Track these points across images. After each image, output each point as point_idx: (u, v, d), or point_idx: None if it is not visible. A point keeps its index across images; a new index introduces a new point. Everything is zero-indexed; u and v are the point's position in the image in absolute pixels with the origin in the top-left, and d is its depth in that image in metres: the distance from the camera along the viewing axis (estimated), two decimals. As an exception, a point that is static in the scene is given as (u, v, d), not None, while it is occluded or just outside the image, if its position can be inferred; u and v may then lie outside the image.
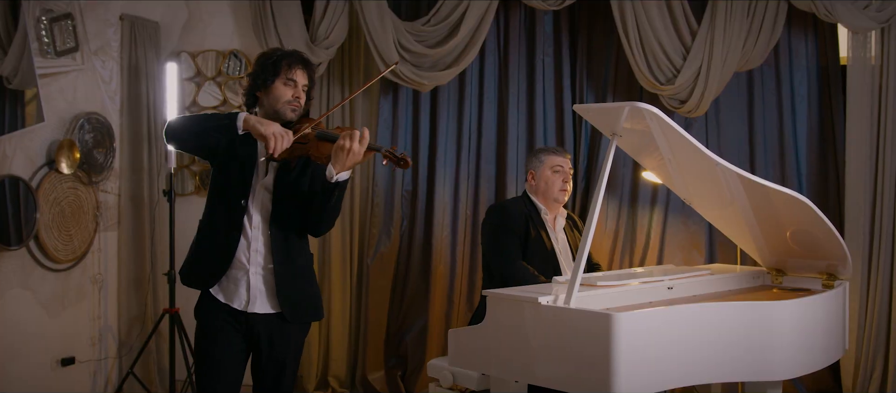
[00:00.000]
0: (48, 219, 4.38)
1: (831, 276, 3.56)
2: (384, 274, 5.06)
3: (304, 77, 3.00)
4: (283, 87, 2.96)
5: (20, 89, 4.29)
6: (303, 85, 2.99)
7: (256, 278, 2.94)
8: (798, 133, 4.58)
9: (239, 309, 2.94)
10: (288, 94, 2.96)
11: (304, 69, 3.01)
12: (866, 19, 4.15)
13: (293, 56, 3.01)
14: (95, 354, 4.75)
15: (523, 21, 4.91)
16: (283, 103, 2.96)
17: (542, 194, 3.98)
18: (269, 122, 2.85)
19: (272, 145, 2.78)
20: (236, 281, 2.94)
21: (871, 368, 4.28)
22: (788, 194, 3.28)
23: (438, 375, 3.99)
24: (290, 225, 2.97)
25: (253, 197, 2.94)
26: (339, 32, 4.80)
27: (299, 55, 3.04)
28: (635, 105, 2.98)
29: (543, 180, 3.96)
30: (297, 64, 2.99)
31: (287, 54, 3.01)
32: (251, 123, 2.84)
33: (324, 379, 5.08)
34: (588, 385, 2.75)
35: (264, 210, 2.95)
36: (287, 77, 2.96)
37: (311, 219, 2.96)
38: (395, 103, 5.02)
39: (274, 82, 2.96)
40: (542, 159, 3.98)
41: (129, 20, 4.86)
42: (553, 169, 3.95)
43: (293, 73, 2.97)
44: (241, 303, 2.94)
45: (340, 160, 2.79)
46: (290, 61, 2.98)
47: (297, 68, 2.98)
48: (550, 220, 3.99)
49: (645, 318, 2.83)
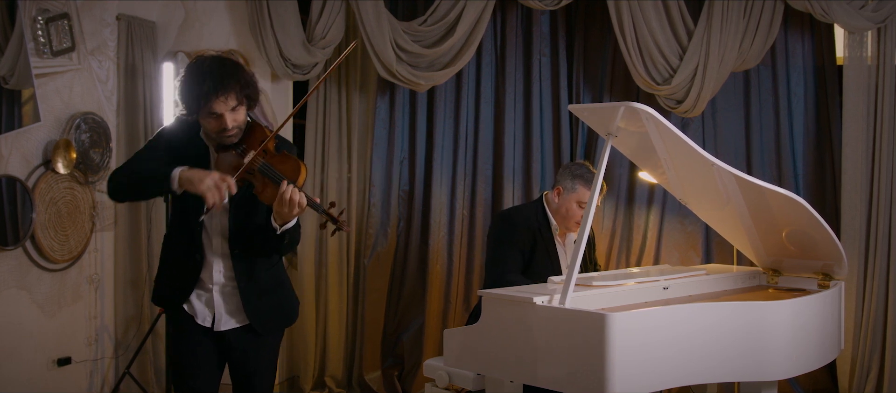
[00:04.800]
0: (44, 219, 4.38)
1: (827, 276, 3.56)
2: (381, 274, 5.06)
3: (231, 98, 2.69)
4: (208, 119, 2.73)
5: (16, 89, 4.28)
6: (231, 106, 2.70)
7: (220, 298, 2.88)
8: (794, 133, 4.58)
9: (208, 327, 2.88)
10: (215, 126, 2.73)
11: (224, 95, 2.67)
12: (862, 19, 4.15)
13: (208, 88, 2.65)
14: (92, 354, 4.75)
15: (520, 21, 4.91)
16: (216, 135, 2.76)
17: (559, 216, 3.85)
18: (203, 176, 2.63)
19: (209, 202, 2.62)
20: (202, 300, 2.88)
21: (867, 367, 4.28)
22: (784, 195, 3.28)
23: (434, 375, 3.99)
24: (250, 245, 2.86)
25: (210, 218, 2.82)
26: (335, 32, 4.80)
27: (215, 83, 2.66)
28: (631, 105, 2.98)
29: (565, 206, 3.80)
30: (214, 95, 2.66)
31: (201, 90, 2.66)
32: (185, 180, 2.66)
33: (320, 379, 5.09)
34: (583, 385, 2.75)
35: (223, 230, 2.85)
36: (208, 112, 2.70)
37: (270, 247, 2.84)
38: (391, 104, 5.02)
39: (198, 115, 2.73)
40: (576, 188, 3.76)
41: (125, 20, 4.86)
42: (580, 203, 3.76)
43: (213, 107, 2.68)
44: (209, 321, 2.88)
45: (282, 215, 2.69)
46: (207, 97, 2.66)
47: (215, 101, 2.67)
48: (560, 235, 3.90)
49: (640, 318, 2.83)
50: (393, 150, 5.01)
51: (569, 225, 3.83)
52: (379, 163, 5.02)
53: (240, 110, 2.75)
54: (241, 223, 2.85)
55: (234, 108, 2.72)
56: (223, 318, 2.89)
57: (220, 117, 2.71)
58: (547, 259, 3.82)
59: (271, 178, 2.72)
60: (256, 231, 2.84)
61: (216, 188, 2.62)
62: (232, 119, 2.72)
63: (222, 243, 2.87)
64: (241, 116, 2.76)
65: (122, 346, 4.89)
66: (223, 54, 4.91)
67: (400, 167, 5.04)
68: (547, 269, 3.76)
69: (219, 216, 2.84)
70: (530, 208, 3.94)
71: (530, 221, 3.84)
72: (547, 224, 3.86)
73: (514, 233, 3.81)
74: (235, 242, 2.86)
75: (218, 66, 2.72)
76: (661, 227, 4.69)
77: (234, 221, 2.85)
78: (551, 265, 3.81)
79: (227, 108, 2.70)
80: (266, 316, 2.93)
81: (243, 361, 2.95)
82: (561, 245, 3.90)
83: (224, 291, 2.89)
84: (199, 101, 2.67)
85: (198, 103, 2.68)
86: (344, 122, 5.07)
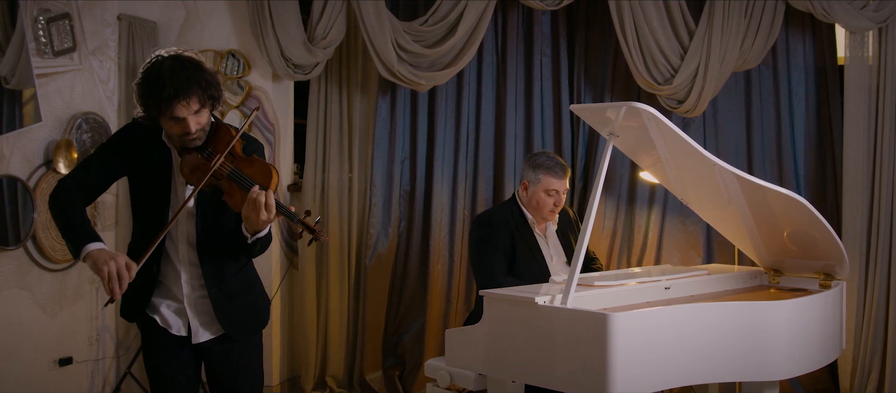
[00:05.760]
0: (46, 219, 4.38)
1: (828, 276, 3.56)
2: (382, 274, 5.05)
3: (194, 102, 2.54)
4: (170, 124, 2.58)
5: (17, 89, 4.28)
6: (194, 110, 2.56)
7: (192, 310, 2.75)
8: (796, 133, 4.58)
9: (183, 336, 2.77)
10: (177, 130, 2.58)
11: (186, 99, 2.52)
12: (864, 19, 4.15)
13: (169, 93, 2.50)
14: (93, 354, 4.75)
15: (521, 21, 4.91)
16: (178, 138, 2.61)
17: (532, 209, 3.91)
18: (107, 259, 2.47)
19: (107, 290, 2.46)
20: (172, 310, 2.76)
21: (868, 367, 4.28)
22: (785, 195, 3.28)
23: (436, 375, 3.99)
24: (220, 252, 2.73)
25: (176, 225, 2.68)
26: (336, 32, 4.80)
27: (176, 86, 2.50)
28: (632, 105, 2.98)
29: (535, 198, 3.87)
30: (176, 99, 2.51)
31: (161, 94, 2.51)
32: (90, 261, 2.50)
33: (321, 379, 5.09)
34: (585, 385, 2.75)
35: (190, 237, 2.71)
36: (169, 117, 2.55)
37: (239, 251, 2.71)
38: (392, 103, 5.02)
39: (160, 119, 2.58)
40: (540, 178, 3.84)
41: (126, 20, 4.86)
42: (547, 192, 3.84)
43: (174, 112, 2.53)
44: (184, 331, 2.76)
45: (252, 223, 2.56)
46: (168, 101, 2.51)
47: (176, 105, 2.51)
48: (540, 228, 3.95)
49: (642, 318, 2.83)
50: (394, 151, 5.01)
51: (544, 214, 3.89)
52: (380, 163, 5.02)
53: (203, 113, 2.59)
54: (209, 229, 2.72)
55: (196, 111, 2.56)
56: (199, 330, 2.76)
57: (183, 121, 2.55)
58: (529, 254, 3.85)
59: (240, 185, 2.58)
60: (225, 237, 2.71)
61: (115, 276, 2.46)
62: (195, 122, 2.57)
63: (189, 251, 2.73)
64: (205, 119, 2.61)
65: (123, 346, 4.90)
66: (224, 52, 4.93)
67: (401, 167, 5.04)
68: (530, 264, 3.82)
69: (185, 222, 2.70)
70: (505, 208, 3.99)
71: (507, 220, 3.89)
72: (523, 220, 3.91)
73: (493, 235, 3.85)
74: (203, 249, 2.72)
75: (178, 68, 2.53)
76: (661, 227, 4.68)
77: (201, 227, 2.71)
78: (534, 260, 3.85)
79: (190, 112, 2.55)
80: (241, 321, 2.81)
81: (225, 369, 2.83)
82: (542, 237, 3.94)
83: (195, 300, 2.76)
84: (160, 106, 2.52)
85: (158, 109, 2.53)
86: (345, 122, 5.07)
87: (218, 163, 2.58)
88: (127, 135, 2.76)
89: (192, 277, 2.75)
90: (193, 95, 2.53)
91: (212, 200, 2.70)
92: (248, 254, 2.75)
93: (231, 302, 2.78)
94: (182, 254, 2.73)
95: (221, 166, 2.60)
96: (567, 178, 3.91)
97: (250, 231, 2.61)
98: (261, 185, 2.57)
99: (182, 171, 2.64)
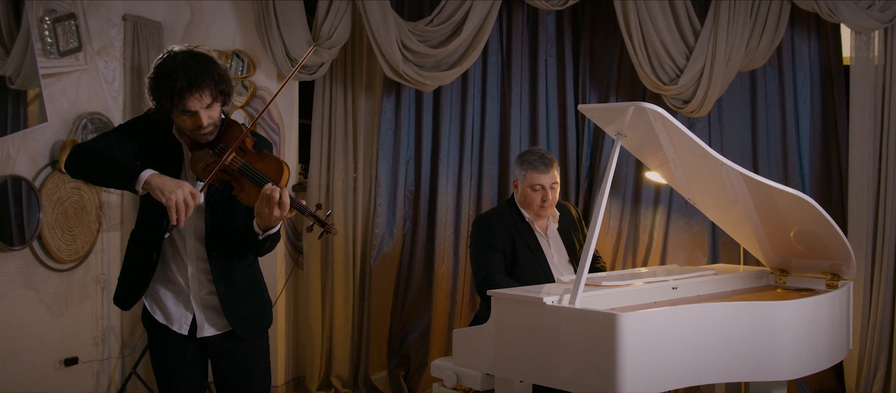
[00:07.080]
0: (51, 219, 4.38)
1: (835, 276, 3.56)
2: (387, 274, 5.06)
3: (206, 96, 2.56)
4: (182, 117, 2.59)
5: (23, 89, 4.29)
6: (206, 104, 2.58)
7: (199, 304, 2.77)
8: (801, 133, 4.58)
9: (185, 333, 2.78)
10: (189, 124, 2.60)
11: (199, 92, 2.54)
12: (869, 19, 4.15)
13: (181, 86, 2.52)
14: (98, 354, 4.75)
15: (526, 21, 4.91)
16: (190, 132, 2.63)
17: (525, 206, 3.93)
18: (174, 187, 2.48)
19: (173, 217, 2.47)
20: (179, 306, 2.77)
21: (874, 367, 4.28)
22: (792, 194, 3.28)
23: (442, 375, 3.99)
24: (228, 249, 2.74)
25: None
26: (341, 32, 4.80)
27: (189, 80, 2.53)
28: (640, 105, 2.98)
29: (522, 195, 3.92)
30: (188, 92, 2.53)
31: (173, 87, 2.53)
32: (152, 186, 2.49)
33: (326, 379, 5.09)
34: (593, 385, 2.75)
35: (199, 232, 2.71)
36: (181, 110, 2.57)
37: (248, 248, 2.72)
38: (397, 103, 5.02)
39: (172, 113, 2.60)
40: (524, 174, 3.88)
41: (131, 20, 4.86)
42: (532, 187, 3.87)
43: (186, 105, 2.55)
44: (186, 328, 2.77)
45: (264, 218, 2.56)
46: (180, 94, 2.53)
47: (188, 98, 2.54)
48: (540, 227, 3.96)
49: (650, 318, 2.83)
50: (399, 151, 5.01)
51: (535, 210, 3.91)
52: (385, 163, 5.02)
53: (215, 107, 2.61)
54: (219, 225, 2.72)
55: (208, 105, 2.59)
56: (204, 325, 2.77)
57: (195, 115, 2.57)
58: (530, 253, 3.87)
59: (252, 180, 2.59)
60: (234, 233, 2.72)
61: (183, 204, 2.47)
62: (207, 116, 2.59)
63: (196, 245, 2.73)
64: (216, 113, 2.64)
65: (129, 346, 4.90)
66: (229, 53, 4.93)
67: (406, 167, 5.04)
68: (531, 262, 3.84)
69: (194, 217, 2.68)
70: (504, 208, 4.02)
71: (506, 221, 3.92)
72: (522, 219, 3.93)
73: (491, 236, 3.87)
74: (212, 245, 2.72)
75: (191, 62, 2.55)
76: (667, 227, 4.68)
77: (211, 222, 2.72)
78: (535, 258, 3.86)
79: (202, 106, 2.57)
80: (248, 319, 2.82)
81: (234, 369, 2.83)
82: (543, 236, 3.95)
83: (201, 296, 2.77)
84: (173, 99, 2.53)
85: (170, 102, 2.54)
86: (350, 122, 5.07)
87: (229, 157, 2.59)
88: (140, 124, 2.77)
89: (199, 271, 2.76)
90: (206, 89, 2.55)
91: (222, 196, 2.72)
92: (257, 251, 2.77)
93: (238, 300, 2.80)
94: (190, 248, 2.74)
95: (233, 161, 2.61)
96: (555, 172, 3.91)
97: (262, 227, 2.62)
98: (273, 181, 2.58)
99: (193, 166, 2.65)
